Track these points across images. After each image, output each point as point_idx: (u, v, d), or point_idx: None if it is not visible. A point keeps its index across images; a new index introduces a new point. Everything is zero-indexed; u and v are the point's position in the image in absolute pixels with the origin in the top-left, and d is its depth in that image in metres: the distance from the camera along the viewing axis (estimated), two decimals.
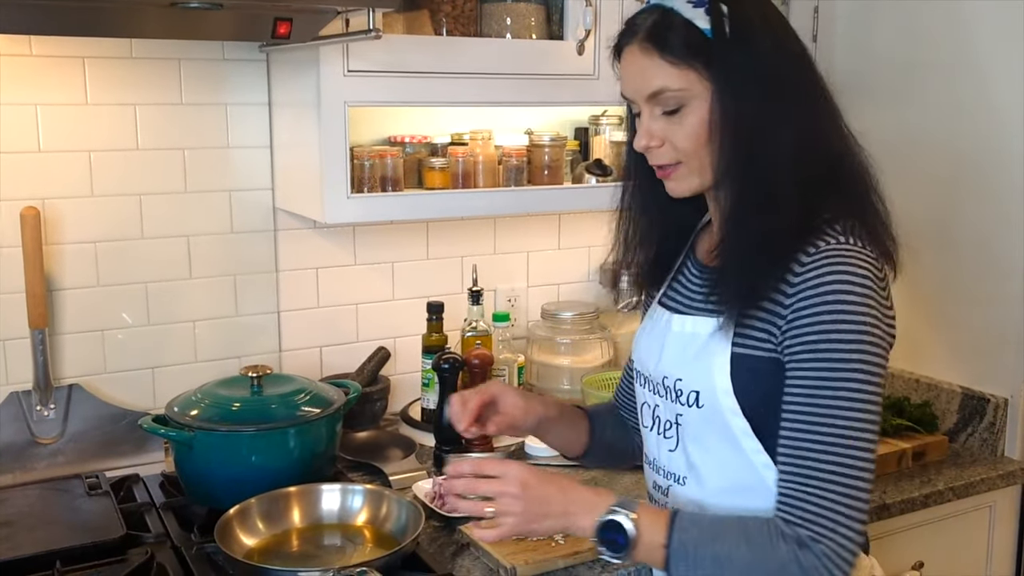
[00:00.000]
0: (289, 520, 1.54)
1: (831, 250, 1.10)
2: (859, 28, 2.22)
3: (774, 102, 1.13)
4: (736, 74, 1.12)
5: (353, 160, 1.80)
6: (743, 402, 1.16)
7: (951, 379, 2.08)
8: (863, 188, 1.19)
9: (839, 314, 1.08)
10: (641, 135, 1.19)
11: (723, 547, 1.09)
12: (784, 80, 1.14)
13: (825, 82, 1.20)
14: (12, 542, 1.50)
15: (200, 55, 1.87)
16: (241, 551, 1.43)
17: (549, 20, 1.97)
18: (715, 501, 1.21)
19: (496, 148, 2.00)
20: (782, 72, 1.14)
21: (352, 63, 1.70)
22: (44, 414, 1.79)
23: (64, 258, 1.82)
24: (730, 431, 1.18)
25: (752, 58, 1.13)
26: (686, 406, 1.22)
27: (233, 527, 1.47)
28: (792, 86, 1.15)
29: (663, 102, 1.16)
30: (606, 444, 1.47)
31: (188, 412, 1.62)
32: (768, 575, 1.08)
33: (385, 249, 2.12)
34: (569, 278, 2.34)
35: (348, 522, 1.55)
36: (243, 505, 1.50)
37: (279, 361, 2.03)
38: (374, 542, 1.50)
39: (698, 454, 1.23)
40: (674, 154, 1.18)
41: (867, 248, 1.13)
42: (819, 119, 1.17)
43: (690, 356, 1.21)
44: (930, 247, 2.09)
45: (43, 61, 1.75)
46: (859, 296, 1.09)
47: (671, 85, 1.14)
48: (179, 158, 1.89)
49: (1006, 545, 2.01)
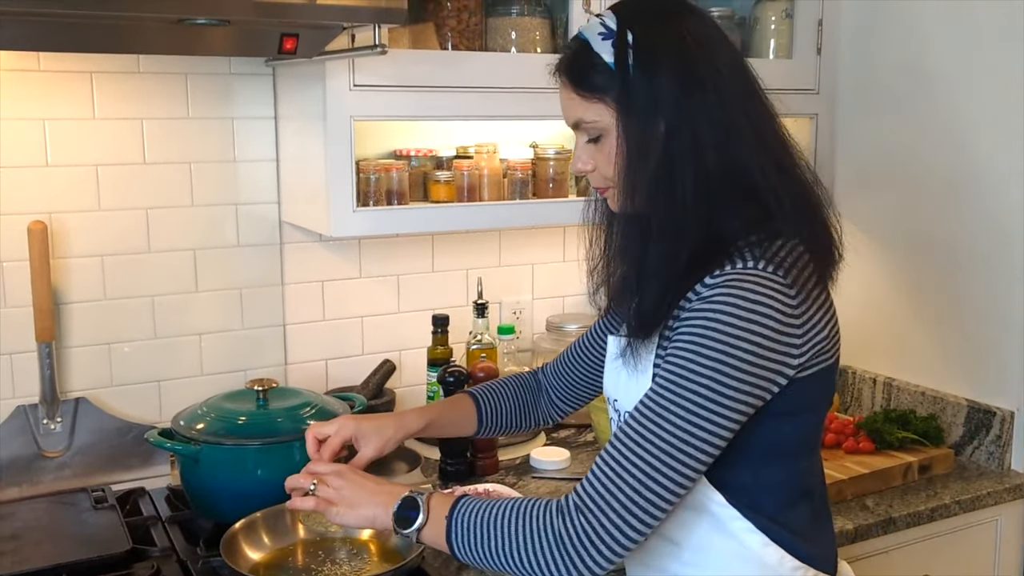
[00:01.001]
0: (295, 534, 1.54)
1: (730, 274, 1.10)
2: (863, 41, 2.22)
3: (680, 131, 1.13)
4: (639, 106, 1.14)
5: (359, 174, 1.81)
6: None
7: (957, 392, 2.07)
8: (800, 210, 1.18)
9: (712, 332, 1.07)
10: (575, 160, 1.25)
11: (496, 514, 1.12)
12: (693, 108, 1.13)
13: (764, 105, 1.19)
14: (19, 556, 1.51)
15: (207, 70, 1.88)
16: (247, 566, 1.43)
17: (554, 34, 1.98)
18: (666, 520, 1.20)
19: (501, 161, 2.01)
20: (691, 100, 1.13)
21: (358, 78, 1.71)
22: (51, 427, 1.80)
23: (71, 272, 1.83)
24: None
25: (655, 88, 1.13)
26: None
27: (239, 541, 1.47)
28: (703, 113, 1.13)
29: (585, 131, 1.21)
30: (503, 419, 1.54)
31: (194, 426, 1.62)
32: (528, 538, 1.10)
33: (390, 262, 2.12)
34: (574, 291, 2.34)
35: (353, 536, 1.55)
36: (249, 519, 1.50)
37: (285, 374, 2.03)
38: (379, 556, 1.50)
39: None
40: (602, 179, 1.22)
41: (778, 272, 1.11)
42: (737, 146, 1.15)
43: (625, 377, 1.25)
44: (934, 259, 2.09)
45: (51, 76, 1.76)
46: (742, 320, 1.07)
47: (585, 118, 1.19)
48: (186, 172, 1.90)
49: (1012, 559, 2.00)
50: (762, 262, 1.11)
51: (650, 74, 1.13)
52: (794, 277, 1.12)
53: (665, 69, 1.13)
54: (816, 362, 1.14)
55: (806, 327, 1.12)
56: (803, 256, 1.15)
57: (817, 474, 1.27)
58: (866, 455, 1.92)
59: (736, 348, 1.07)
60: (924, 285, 2.13)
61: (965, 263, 2.04)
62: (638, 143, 1.14)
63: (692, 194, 1.13)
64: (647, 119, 1.14)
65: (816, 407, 1.21)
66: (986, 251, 2.00)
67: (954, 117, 2.04)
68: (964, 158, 2.02)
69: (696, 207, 1.14)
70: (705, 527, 1.19)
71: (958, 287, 2.06)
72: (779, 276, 1.11)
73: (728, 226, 1.14)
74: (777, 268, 1.11)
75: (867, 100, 2.22)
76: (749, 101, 1.18)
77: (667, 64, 1.13)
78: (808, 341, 1.12)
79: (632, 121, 1.14)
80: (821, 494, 1.28)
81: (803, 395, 1.14)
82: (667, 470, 1.07)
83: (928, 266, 2.11)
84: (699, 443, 1.08)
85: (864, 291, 2.21)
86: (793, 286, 1.11)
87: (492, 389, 1.55)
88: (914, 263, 2.14)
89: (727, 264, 1.12)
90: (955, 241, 2.05)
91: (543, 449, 1.98)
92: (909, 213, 2.12)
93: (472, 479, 1.85)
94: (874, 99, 2.20)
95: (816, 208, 1.20)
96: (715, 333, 1.07)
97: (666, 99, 1.13)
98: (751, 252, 1.12)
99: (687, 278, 1.14)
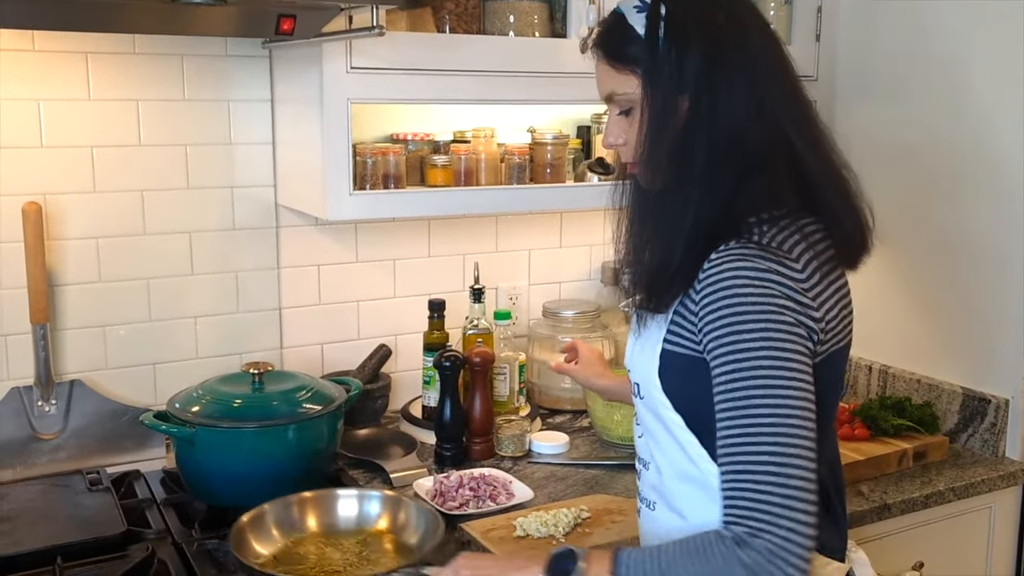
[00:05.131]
0: (304, 527, 1.50)
1: (734, 248, 1.11)
2: (862, 28, 2.21)
3: (700, 105, 1.14)
4: (663, 77, 1.14)
5: (355, 157, 1.80)
6: (672, 398, 1.20)
7: (952, 379, 2.08)
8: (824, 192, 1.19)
9: (737, 306, 1.08)
10: (607, 134, 1.25)
11: (666, 559, 1.08)
12: (717, 84, 1.14)
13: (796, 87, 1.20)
14: (13, 537, 1.51)
15: (203, 51, 1.87)
16: (256, 559, 1.40)
17: (552, 18, 1.97)
18: (669, 488, 1.25)
19: (498, 146, 2.00)
20: (716, 75, 1.14)
21: (355, 60, 1.70)
22: (45, 410, 1.79)
23: (66, 254, 1.82)
24: (666, 423, 1.22)
25: (680, 61, 1.14)
26: (636, 397, 1.28)
27: (247, 535, 1.43)
28: (726, 89, 1.14)
29: (617, 104, 1.22)
30: None
31: (189, 408, 1.62)
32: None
33: (387, 246, 2.12)
34: (571, 276, 2.34)
35: (366, 528, 1.52)
36: (256, 511, 1.47)
37: (280, 358, 2.03)
38: (394, 550, 1.47)
39: (652, 443, 1.27)
40: (633, 153, 1.22)
41: (783, 247, 1.12)
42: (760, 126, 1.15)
43: (638, 350, 1.26)
44: (932, 246, 2.09)
45: (46, 56, 1.75)
46: (756, 287, 1.08)
47: (618, 89, 1.20)
48: (181, 154, 1.89)
49: (1006, 545, 2.01)
50: (766, 237, 1.12)
51: (679, 47, 1.14)
52: (800, 252, 1.13)
53: (694, 44, 1.14)
54: (829, 341, 1.15)
55: (818, 301, 1.13)
56: (818, 236, 1.16)
57: (827, 462, 1.25)
58: (861, 442, 1.93)
59: (762, 304, 1.07)
60: (921, 273, 2.13)
61: (962, 251, 2.04)
62: (659, 114, 1.15)
63: (703, 167, 1.14)
64: (670, 91, 1.14)
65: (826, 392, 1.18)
66: (983, 239, 2.00)
67: (953, 105, 2.03)
68: (963, 146, 2.02)
69: (706, 181, 1.14)
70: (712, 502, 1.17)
71: (954, 275, 2.06)
72: (782, 251, 1.11)
73: (741, 202, 1.14)
74: (782, 243, 1.12)
75: (866, 87, 2.21)
76: (778, 82, 1.19)
77: (696, 39, 1.14)
78: (824, 316, 1.13)
79: (656, 92, 1.15)
80: (835, 483, 1.27)
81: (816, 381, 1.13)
82: (794, 448, 1.05)
83: (925, 254, 2.11)
84: (798, 403, 1.06)
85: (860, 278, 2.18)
86: (799, 260, 1.12)
87: None
88: (911, 251, 2.14)
89: (732, 240, 1.12)
90: (952, 229, 2.05)
91: (542, 434, 1.98)
92: (907, 201, 2.12)
93: (467, 463, 1.85)
94: (873, 86, 2.20)
95: (843, 192, 1.21)
96: (736, 302, 1.08)
97: (691, 73, 1.14)
98: (759, 228, 1.13)
99: (693, 250, 1.13)
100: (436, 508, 1.61)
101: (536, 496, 1.70)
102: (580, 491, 1.74)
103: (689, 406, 1.18)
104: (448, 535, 1.49)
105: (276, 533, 1.47)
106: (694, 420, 1.18)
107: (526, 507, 1.65)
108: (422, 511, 1.51)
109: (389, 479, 1.75)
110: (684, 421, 1.19)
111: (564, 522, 1.57)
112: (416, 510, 1.52)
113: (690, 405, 1.18)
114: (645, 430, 1.29)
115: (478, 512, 1.63)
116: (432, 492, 1.68)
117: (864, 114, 2.22)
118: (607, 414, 1.94)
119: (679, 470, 1.22)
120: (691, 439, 1.19)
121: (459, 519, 1.60)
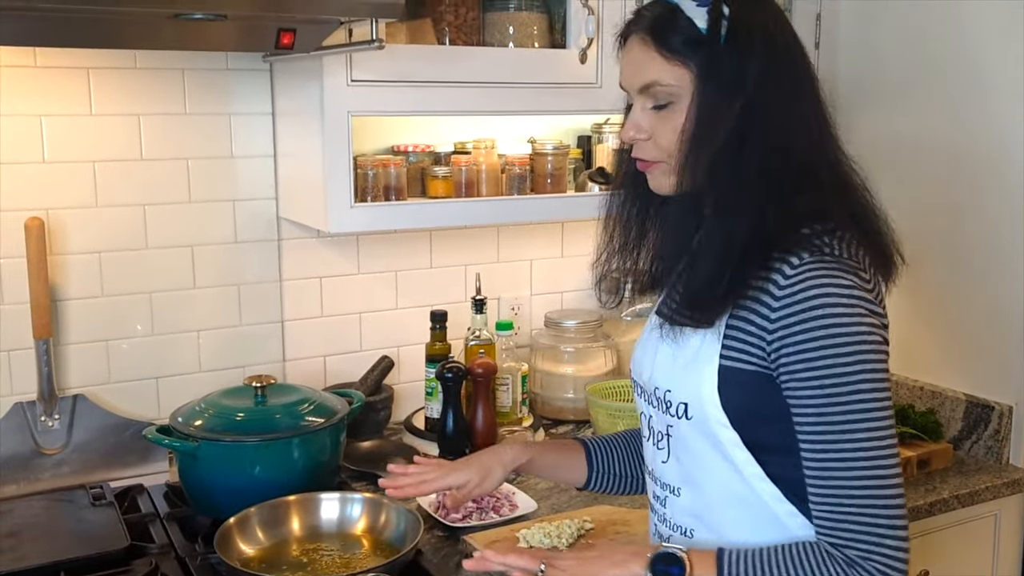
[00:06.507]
0: (288, 529, 1.54)
1: (813, 262, 1.10)
2: (861, 34, 2.22)
3: (755, 110, 1.12)
4: (722, 77, 1.12)
5: (356, 169, 1.80)
6: (731, 415, 1.16)
7: (956, 387, 2.07)
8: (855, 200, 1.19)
9: (832, 327, 1.07)
10: (629, 126, 1.20)
11: (771, 566, 1.09)
12: (771, 91, 1.13)
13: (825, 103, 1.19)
14: (17, 553, 1.51)
15: (204, 65, 1.87)
16: (240, 560, 1.43)
17: (552, 29, 1.98)
18: (712, 512, 1.21)
19: (499, 157, 2.00)
20: (771, 83, 1.13)
21: (355, 73, 1.71)
22: (48, 424, 1.79)
23: (68, 268, 1.82)
24: (719, 443, 1.17)
25: (741, 63, 1.12)
26: (676, 417, 1.21)
27: (233, 536, 1.47)
28: (778, 99, 1.14)
29: (654, 95, 1.17)
30: (614, 468, 1.45)
31: (192, 422, 1.62)
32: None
33: (389, 258, 2.12)
34: (572, 286, 2.34)
35: (347, 530, 1.55)
36: (243, 514, 1.51)
37: (283, 370, 2.03)
38: (372, 550, 1.50)
39: (691, 465, 1.22)
40: (657, 152, 1.18)
41: (852, 259, 1.12)
42: (805, 137, 1.15)
43: (680, 367, 1.21)
44: (934, 253, 2.09)
45: (48, 72, 1.75)
46: (848, 306, 1.08)
47: (663, 80, 1.15)
48: (183, 168, 1.89)
49: (1011, 553, 2.01)
50: (836, 249, 1.11)
51: (743, 49, 1.12)
52: (867, 264, 1.14)
53: (758, 47, 1.13)
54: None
55: (883, 308, 1.14)
56: (864, 253, 1.15)
57: None
58: None
59: (854, 324, 1.07)
60: (924, 280, 2.12)
61: (965, 258, 2.04)
62: (711, 114, 1.12)
63: (756, 175, 1.12)
64: (727, 92, 1.12)
65: None
66: (985, 246, 2.00)
67: (955, 112, 2.03)
68: (965, 153, 2.02)
69: (756, 190, 1.12)
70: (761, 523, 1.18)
71: (958, 282, 2.05)
72: (854, 262, 1.12)
73: (785, 215, 1.13)
74: (851, 257, 1.12)
75: (866, 94, 2.21)
76: (815, 94, 1.18)
77: (759, 43, 1.13)
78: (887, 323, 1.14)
79: (711, 91, 1.12)
80: None
81: None
82: (892, 468, 1.07)
83: (928, 261, 2.11)
84: (890, 423, 1.08)
85: None
86: (867, 270, 1.13)
87: (603, 439, 1.48)
88: (914, 258, 2.13)
89: (802, 252, 1.10)
90: (953, 235, 2.05)
91: None
92: (908, 206, 2.11)
93: None
94: (873, 93, 2.20)
95: (868, 212, 1.20)
96: (835, 327, 1.07)
97: (750, 77, 1.12)
98: (819, 240, 1.12)
99: (743, 262, 1.12)
100: (439, 520, 1.61)
101: (539, 507, 1.70)
102: (583, 502, 1.74)
103: (748, 422, 1.16)
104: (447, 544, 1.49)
105: (261, 534, 1.51)
106: (752, 437, 1.16)
107: (529, 519, 1.65)
108: (402, 512, 1.53)
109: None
110: (741, 439, 1.16)
111: (567, 533, 1.57)
112: (396, 511, 1.54)
113: (749, 421, 1.16)
114: (684, 453, 1.22)
115: (481, 524, 1.62)
116: (435, 504, 1.67)
117: (864, 121, 2.22)
118: (611, 425, 1.94)
119: (731, 493, 1.19)
120: (747, 457, 1.16)
121: (462, 531, 1.60)
